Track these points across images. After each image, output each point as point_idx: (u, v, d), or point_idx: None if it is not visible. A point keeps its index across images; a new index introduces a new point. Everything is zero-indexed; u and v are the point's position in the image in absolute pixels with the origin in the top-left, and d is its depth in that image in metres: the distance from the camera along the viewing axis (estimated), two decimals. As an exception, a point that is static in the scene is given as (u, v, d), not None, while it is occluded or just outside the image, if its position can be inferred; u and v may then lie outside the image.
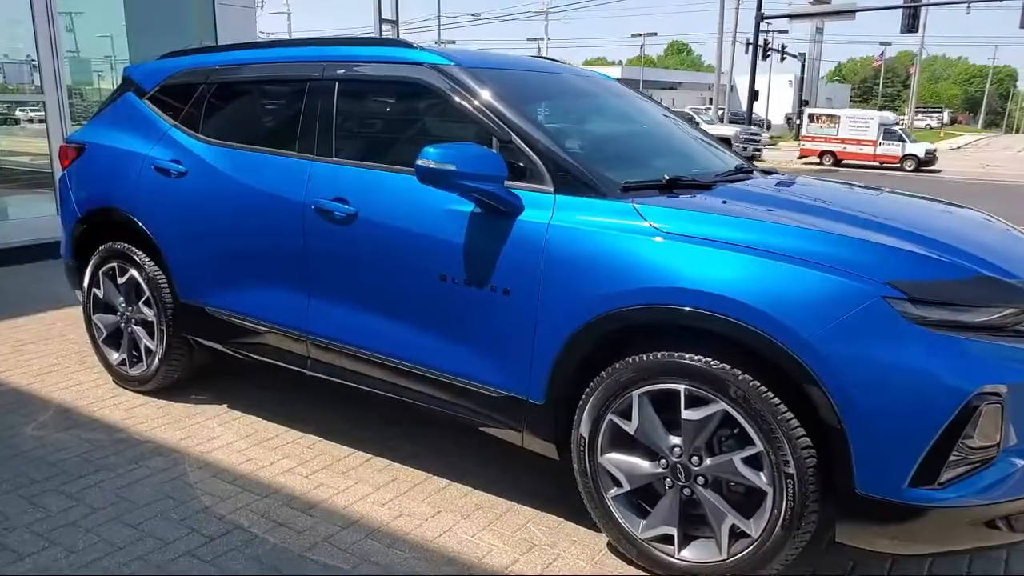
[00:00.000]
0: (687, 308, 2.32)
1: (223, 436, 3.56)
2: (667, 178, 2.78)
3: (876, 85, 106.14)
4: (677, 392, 2.39)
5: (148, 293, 3.81)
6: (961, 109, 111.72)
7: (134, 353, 4.02)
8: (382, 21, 41.22)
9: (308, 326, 3.28)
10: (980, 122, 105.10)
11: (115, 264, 3.94)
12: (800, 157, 26.75)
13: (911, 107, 66.24)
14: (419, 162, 2.63)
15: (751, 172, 3.38)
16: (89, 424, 3.65)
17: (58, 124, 8.11)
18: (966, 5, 28.16)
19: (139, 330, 3.93)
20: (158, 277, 3.77)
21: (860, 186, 3.44)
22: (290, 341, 3.36)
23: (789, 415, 2.23)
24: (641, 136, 3.47)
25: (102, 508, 2.91)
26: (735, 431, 2.35)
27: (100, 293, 4.04)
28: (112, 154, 3.90)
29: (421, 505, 2.99)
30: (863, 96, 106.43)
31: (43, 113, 8.17)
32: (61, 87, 8.10)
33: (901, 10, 28.62)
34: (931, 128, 71.07)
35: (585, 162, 2.73)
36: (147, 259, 3.79)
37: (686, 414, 2.39)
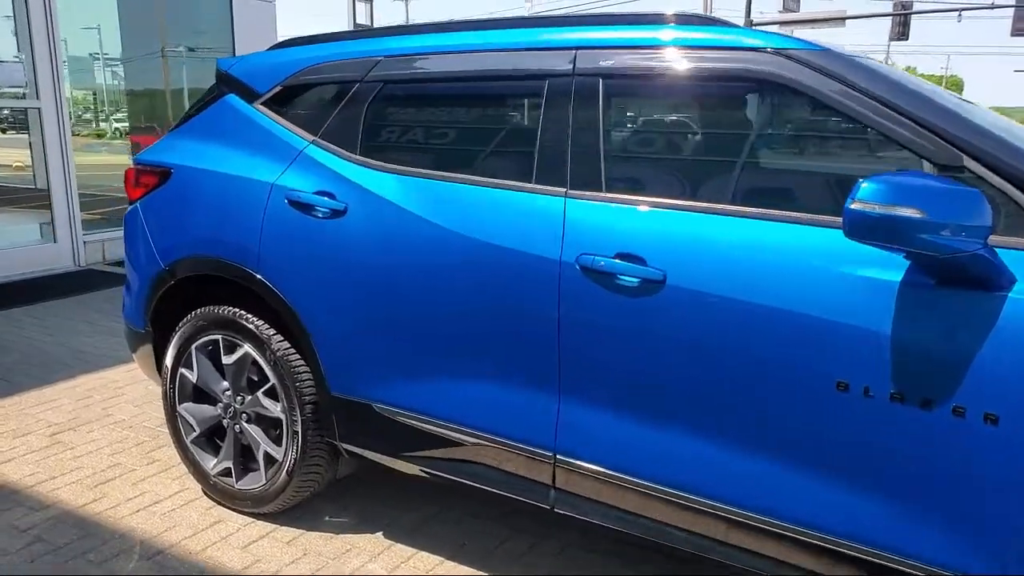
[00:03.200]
0: None
1: (406, 596, 2.42)
2: None
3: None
4: None
5: (274, 380, 2.66)
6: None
7: (241, 460, 2.86)
8: (357, 26, 40.59)
9: (558, 442, 2.18)
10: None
11: (218, 337, 2.78)
12: None
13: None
14: (855, 205, 1.57)
15: None
16: (199, 578, 2.49)
17: (56, 134, 6.86)
18: (957, 13, 27.90)
19: (253, 430, 2.78)
20: (292, 359, 2.62)
21: None
22: (523, 462, 2.25)
23: None
24: None
25: None
26: None
27: (192, 375, 2.88)
28: (217, 182, 2.75)
29: None
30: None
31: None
32: (60, 93, 6.84)
33: (878, 18, 28.30)
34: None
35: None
36: (273, 332, 2.65)
37: None
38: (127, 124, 9.19)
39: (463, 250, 2.25)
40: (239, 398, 2.80)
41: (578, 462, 2.16)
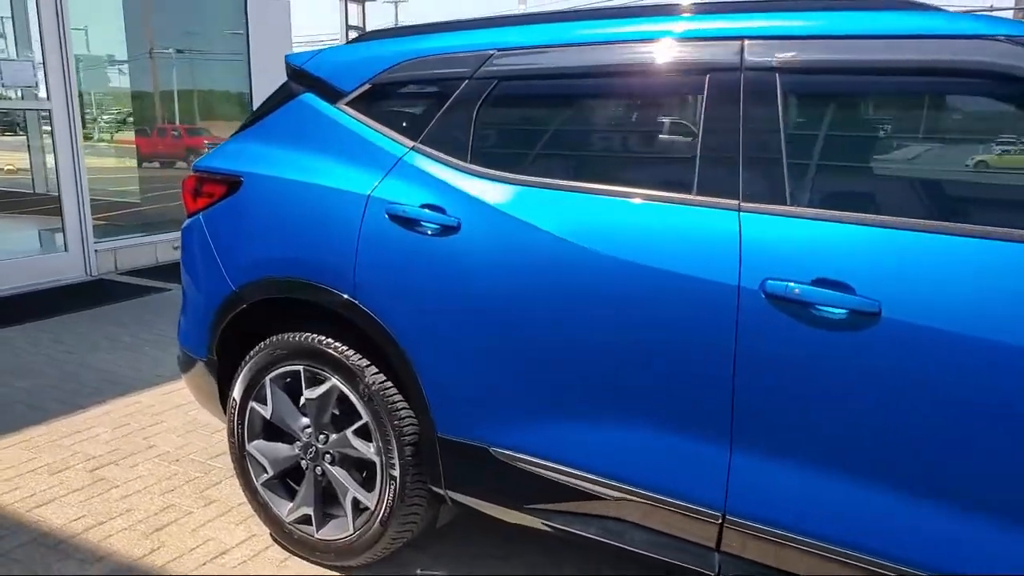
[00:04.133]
0: None
1: (533, 670, 2.10)
2: None
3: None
4: None
5: (367, 418, 2.34)
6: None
7: (321, 505, 2.53)
8: (349, 27, 39.91)
9: (729, 500, 1.86)
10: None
11: (299, 368, 2.45)
12: None
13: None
14: None
15: None
16: (291, 650, 2.15)
17: (67, 137, 6.50)
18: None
19: (339, 472, 2.45)
20: (389, 394, 2.30)
21: None
22: (681, 521, 1.94)
23: None
24: None
25: None
26: None
27: (265, 410, 2.55)
28: (299, 193, 2.41)
29: None
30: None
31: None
32: (72, 93, 6.47)
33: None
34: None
35: None
36: (366, 363, 2.32)
37: None
38: (131, 126, 8.82)
39: (608, 273, 1.93)
40: (322, 437, 2.47)
41: (754, 524, 1.84)
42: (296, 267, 2.40)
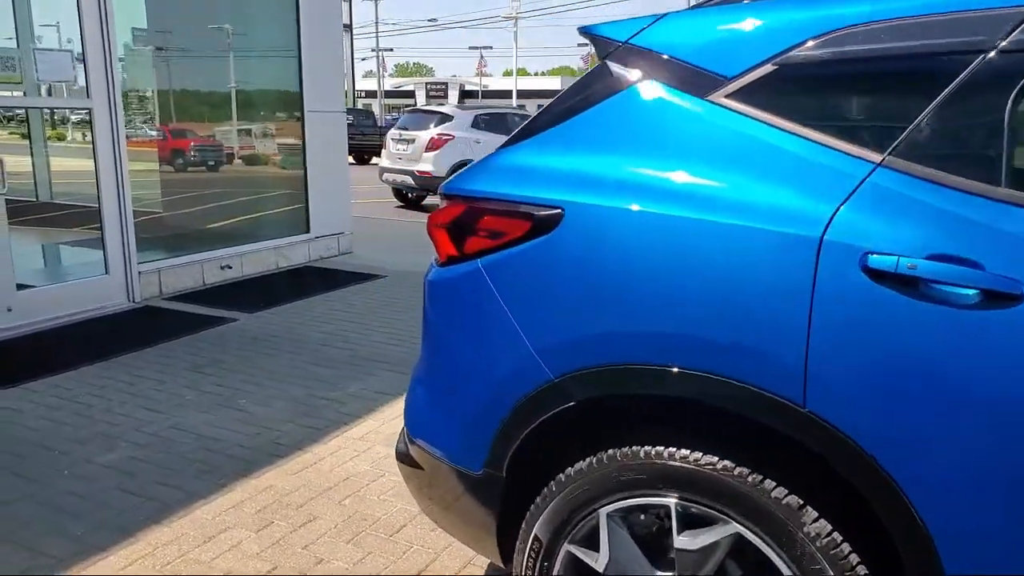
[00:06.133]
0: None
1: None
2: None
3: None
4: None
5: (804, 590, 1.47)
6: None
7: None
8: (338, 26, 39.26)
9: None
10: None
11: (671, 502, 1.58)
12: None
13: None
14: None
15: None
16: None
17: (109, 142, 5.56)
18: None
19: (727, 662, 1.58)
20: (843, 553, 1.44)
21: None
22: None
23: None
24: None
25: None
26: None
27: (594, 561, 1.70)
28: (678, 232, 1.55)
29: None
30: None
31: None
32: (115, 91, 5.53)
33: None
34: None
35: None
36: (799, 503, 1.46)
37: None
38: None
39: None
40: (700, 606, 1.60)
41: None
42: (681, 350, 1.53)
